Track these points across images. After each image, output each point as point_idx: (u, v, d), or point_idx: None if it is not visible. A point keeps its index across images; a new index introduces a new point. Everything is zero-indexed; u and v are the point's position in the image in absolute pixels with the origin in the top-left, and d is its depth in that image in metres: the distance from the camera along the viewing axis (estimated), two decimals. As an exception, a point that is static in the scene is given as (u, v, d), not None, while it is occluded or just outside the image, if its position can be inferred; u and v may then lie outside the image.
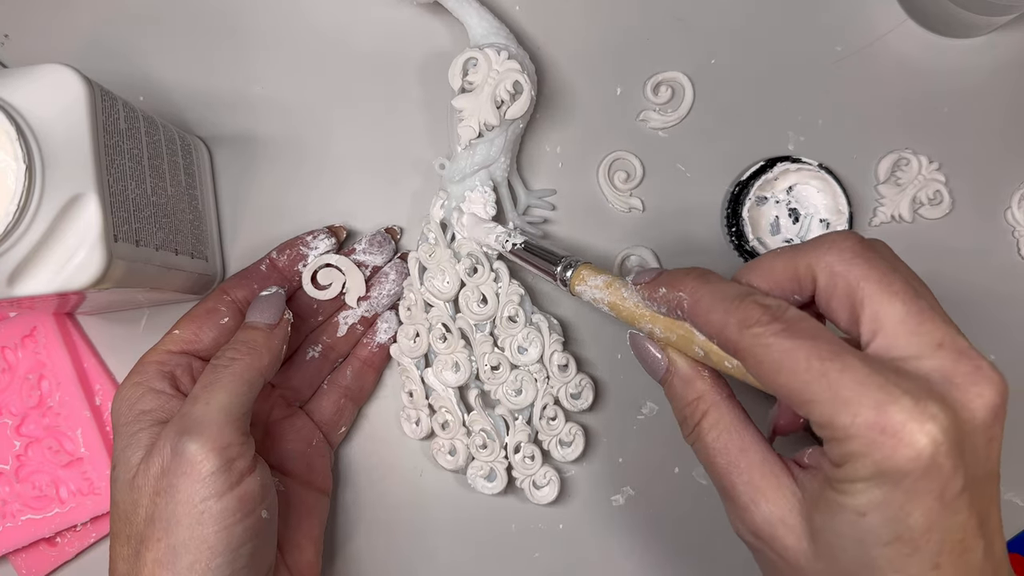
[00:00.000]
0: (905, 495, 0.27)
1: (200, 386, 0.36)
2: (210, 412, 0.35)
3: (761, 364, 0.29)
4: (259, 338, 0.39)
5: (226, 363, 0.37)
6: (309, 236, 0.43)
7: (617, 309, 0.36)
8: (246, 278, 0.42)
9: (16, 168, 0.32)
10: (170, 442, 0.34)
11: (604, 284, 0.37)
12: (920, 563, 0.28)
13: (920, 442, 0.26)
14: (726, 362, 0.33)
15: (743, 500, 0.31)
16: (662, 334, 0.35)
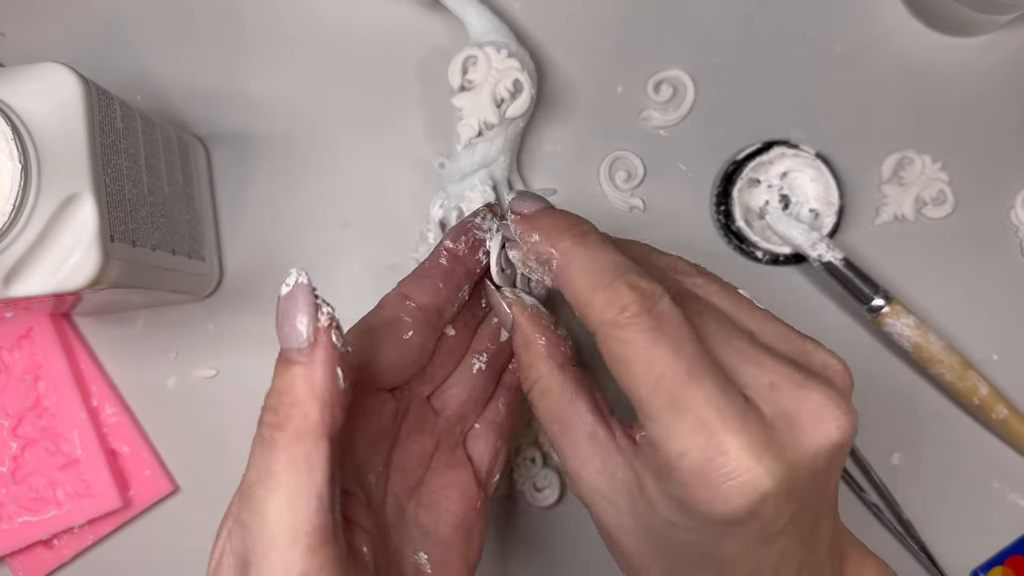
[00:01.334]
0: (720, 532, 0.26)
1: (250, 479, 0.26)
2: (270, 529, 0.25)
3: (614, 358, 0.26)
4: (299, 386, 0.25)
5: (269, 434, 0.26)
6: (477, 218, 0.34)
7: (920, 350, 0.42)
8: (426, 277, 0.33)
9: (12, 168, 0.31)
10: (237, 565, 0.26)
11: (915, 324, 0.42)
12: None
13: (739, 502, 0.25)
14: (992, 414, 0.40)
15: (571, 467, 0.29)
16: (951, 379, 0.42)
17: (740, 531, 0.25)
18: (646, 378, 0.25)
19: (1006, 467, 0.43)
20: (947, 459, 0.44)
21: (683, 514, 0.26)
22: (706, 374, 0.25)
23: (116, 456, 0.44)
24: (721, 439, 0.25)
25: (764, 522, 0.25)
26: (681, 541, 0.27)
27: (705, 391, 0.25)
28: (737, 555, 0.26)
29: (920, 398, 0.44)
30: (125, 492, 0.43)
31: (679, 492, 0.26)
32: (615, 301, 0.26)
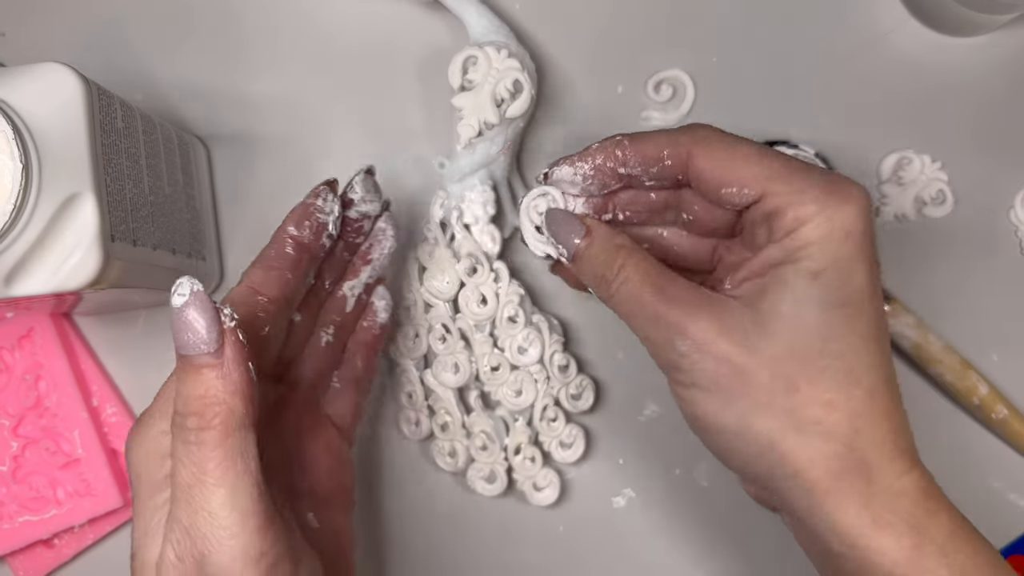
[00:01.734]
0: (854, 251, 0.30)
1: (186, 481, 0.28)
2: (220, 521, 0.27)
3: (720, 160, 0.32)
4: (217, 386, 0.28)
5: (195, 438, 0.28)
6: (318, 200, 0.36)
7: (920, 350, 0.42)
8: (274, 268, 0.34)
9: (12, 167, 0.31)
10: (191, 562, 0.28)
11: (915, 324, 0.42)
12: (867, 328, 0.30)
13: (864, 196, 0.31)
14: (993, 414, 0.42)
15: (677, 316, 0.31)
16: (950, 379, 0.42)
17: (866, 251, 0.30)
18: (753, 163, 0.32)
19: (1006, 467, 0.43)
20: (946, 459, 0.43)
21: (823, 245, 0.30)
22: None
23: (117, 456, 0.44)
24: (839, 182, 0.31)
25: (872, 243, 0.31)
26: (824, 291, 0.30)
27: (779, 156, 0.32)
28: (869, 290, 0.30)
29: (919, 398, 0.44)
30: (126, 491, 0.43)
31: (814, 223, 0.30)
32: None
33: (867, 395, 0.30)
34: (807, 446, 0.30)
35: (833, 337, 0.30)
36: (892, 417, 0.31)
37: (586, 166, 0.35)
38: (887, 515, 0.30)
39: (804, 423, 0.30)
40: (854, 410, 0.30)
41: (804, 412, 0.30)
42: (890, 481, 0.30)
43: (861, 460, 0.30)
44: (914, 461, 0.31)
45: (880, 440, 0.30)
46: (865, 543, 0.30)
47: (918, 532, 0.30)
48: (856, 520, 0.30)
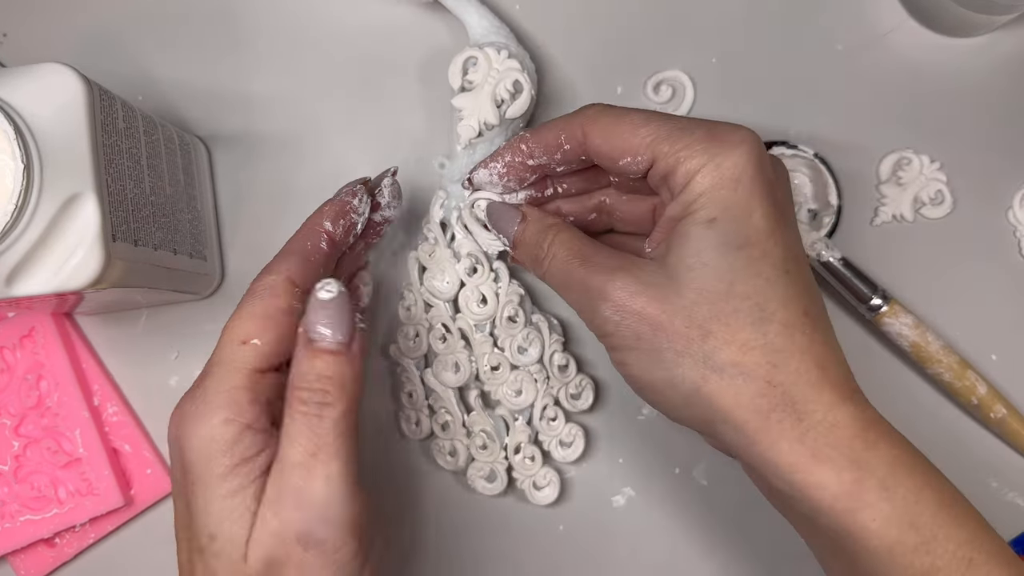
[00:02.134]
0: (746, 193, 0.31)
1: (305, 451, 0.30)
2: (334, 489, 0.30)
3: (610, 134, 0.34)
4: (346, 371, 0.31)
5: (318, 412, 0.30)
6: (355, 200, 0.37)
7: (918, 349, 0.42)
8: (311, 261, 0.34)
9: (14, 168, 0.32)
10: (295, 532, 0.29)
11: (913, 323, 0.42)
12: (772, 265, 0.31)
13: (749, 139, 0.32)
14: (991, 413, 0.42)
15: (599, 281, 0.33)
16: (949, 379, 0.42)
17: (760, 190, 0.31)
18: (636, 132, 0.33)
19: (1004, 466, 0.43)
20: (945, 458, 0.43)
21: (713, 194, 0.31)
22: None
23: (118, 455, 0.44)
24: (722, 129, 0.32)
25: (770, 182, 0.32)
26: (722, 237, 0.31)
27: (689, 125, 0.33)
28: (767, 229, 0.31)
29: (918, 397, 0.44)
30: (127, 491, 0.44)
31: (702, 173, 0.32)
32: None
33: (782, 330, 0.30)
34: (730, 388, 0.30)
35: (738, 279, 0.31)
36: (813, 349, 0.31)
37: (498, 165, 0.38)
38: (825, 449, 0.30)
39: (723, 366, 0.31)
40: (770, 346, 0.30)
41: (721, 355, 0.31)
42: (822, 414, 0.30)
43: (785, 395, 0.30)
44: (847, 393, 0.31)
45: (803, 373, 0.30)
46: (803, 478, 0.30)
47: (858, 466, 0.30)
48: (791, 457, 0.30)
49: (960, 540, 0.30)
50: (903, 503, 0.29)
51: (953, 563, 0.29)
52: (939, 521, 0.30)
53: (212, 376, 0.31)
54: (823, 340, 0.31)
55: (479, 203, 0.40)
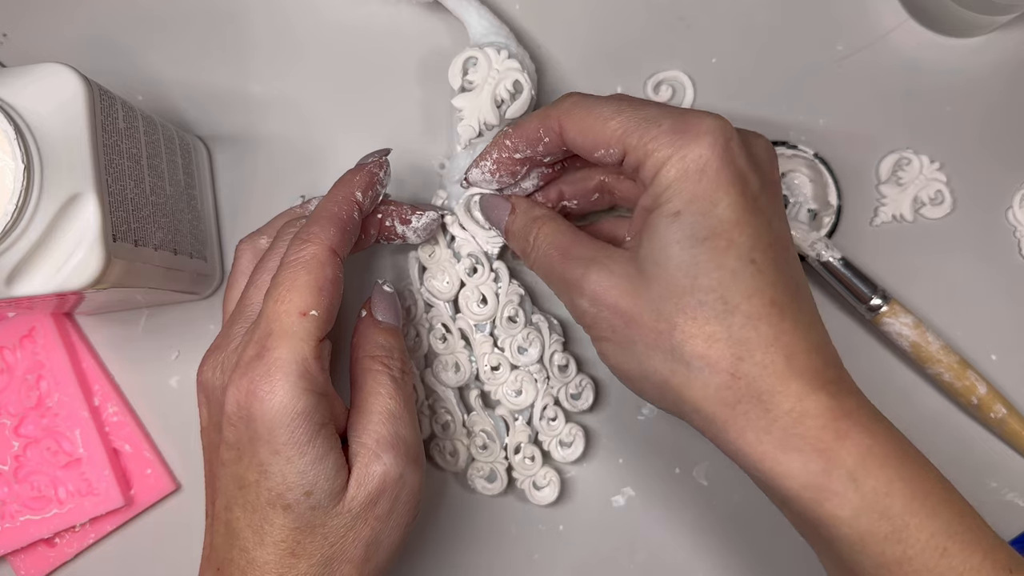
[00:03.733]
0: (711, 184, 0.31)
1: (397, 403, 0.35)
2: (417, 434, 0.35)
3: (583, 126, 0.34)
4: (403, 344, 0.37)
5: (396, 373, 0.36)
6: (381, 172, 0.38)
7: (918, 349, 0.42)
8: (347, 231, 0.36)
9: (15, 168, 0.32)
10: (400, 471, 0.34)
11: (913, 323, 0.42)
12: (737, 257, 0.31)
13: (714, 129, 0.31)
14: (991, 413, 0.41)
15: (576, 274, 0.34)
16: (949, 379, 0.42)
17: (727, 180, 0.31)
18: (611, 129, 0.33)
19: (1004, 466, 0.43)
20: (945, 458, 0.44)
21: (679, 186, 0.31)
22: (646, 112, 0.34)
23: (118, 455, 0.44)
24: (684, 112, 0.32)
25: (740, 170, 0.31)
26: (687, 229, 0.31)
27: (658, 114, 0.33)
28: (733, 219, 0.31)
29: (918, 397, 0.44)
30: (127, 491, 0.44)
31: (667, 166, 0.32)
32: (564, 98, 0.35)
33: (746, 322, 0.30)
34: (696, 380, 0.31)
35: (701, 272, 0.31)
36: (781, 340, 0.30)
37: (488, 163, 0.38)
38: (792, 439, 0.30)
39: (690, 358, 0.31)
40: (734, 339, 0.30)
41: (687, 347, 0.31)
42: (790, 404, 0.30)
43: (750, 387, 0.30)
44: (820, 383, 0.30)
45: (768, 365, 0.30)
46: (771, 467, 0.30)
47: (826, 456, 0.30)
48: (758, 446, 0.30)
49: (933, 530, 0.30)
50: (872, 494, 0.30)
51: (926, 552, 0.29)
52: (911, 510, 0.30)
53: (279, 348, 0.32)
54: (792, 329, 0.31)
55: (474, 200, 0.40)
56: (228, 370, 0.33)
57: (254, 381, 0.32)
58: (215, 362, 0.34)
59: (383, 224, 0.39)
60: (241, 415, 0.32)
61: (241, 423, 0.32)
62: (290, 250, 0.34)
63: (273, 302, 0.33)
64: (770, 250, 0.31)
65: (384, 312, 0.38)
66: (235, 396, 0.32)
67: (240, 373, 0.32)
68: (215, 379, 0.34)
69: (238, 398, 0.32)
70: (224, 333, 0.36)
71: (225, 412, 0.33)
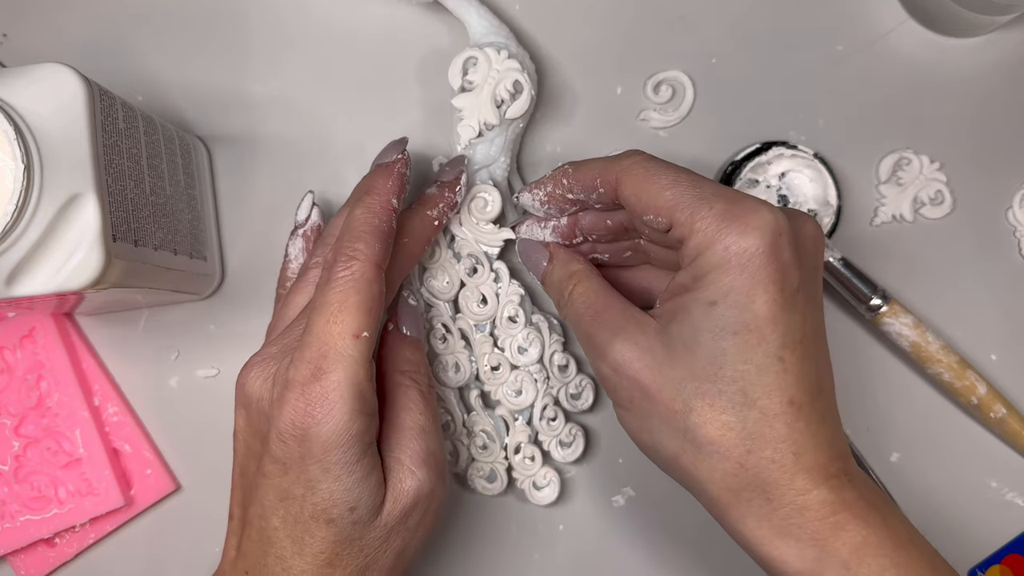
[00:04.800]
0: (751, 279, 0.31)
1: (428, 419, 0.36)
2: (442, 450, 0.36)
3: (639, 189, 0.34)
4: (426, 360, 0.38)
5: (424, 388, 0.37)
6: (407, 170, 0.39)
7: (918, 349, 0.42)
8: (387, 243, 0.35)
9: (14, 168, 0.32)
10: (432, 486, 0.35)
11: (913, 323, 0.42)
12: (765, 353, 0.31)
13: (764, 224, 0.31)
14: (991, 413, 0.42)
15: (603, 339, 0.34)
16: (949, 378, 0.42)
17: (767, 277, 0.31)
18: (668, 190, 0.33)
19: (1004, 466, 0.43)
20: (945, 458, 0.44)
21: (719, 276, 0.31)
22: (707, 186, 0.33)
23: (118, 455, 0.44)
24: (737, 195, 0.32)
25: (783, 268, 0.31)
26: (720, 320, 0.31)
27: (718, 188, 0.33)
28: (768, 315, 0.31)
29: (918, 397, 0.44)
30: (127, 491, 0.44)
31: (711, 251, 0.31)
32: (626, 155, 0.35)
33: (762, 417, 0.31)
34: (705, 464, 0.32)
35: (728, 363, 0.31)
36: (792, 437, 0.31)
37: (540, 193, 0.39)
38: (791, 528, 0.31)
39: (701, 443, 0.32)
40: (748, 431, 0.31)
41: (701, 432, 0.32)
42: (792, 497, 0.31)
43: (756, 478, 0.31)
44: (823, 477, 0.31)
45: (776, 460, 0.31)
46: (767, 552, 0.31)
47: (821, 546, 0.31)
48: (758, 531, 0.31)
49: None
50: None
51: None
52: None
53: (335, 371, 0.32)
54: (805, 428, 0.31)
55: (483, 203, 0.41)
56: (280, 385, 0.33)
57: (311, 403, 0.32)
58: (264, 373, 0.34)
59: (439, 229, 0.40)
60: (295, 434, 0.32)
61: (293, 441, 0.32)
62: (337, 267, 0.34)
63: (326, 323, 0.33)
64: (799, 347, 0.31)
65: (410, 325, 0.39)
66: (291, 415, 0.32)
67: (297, 393, 0.32)
68: (263, 391, 0.34)
69: (294, 418, 0.32)
70: (274, 342, 0.35)
71: (276, 428, 0.33)
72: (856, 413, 0.44)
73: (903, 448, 0.44)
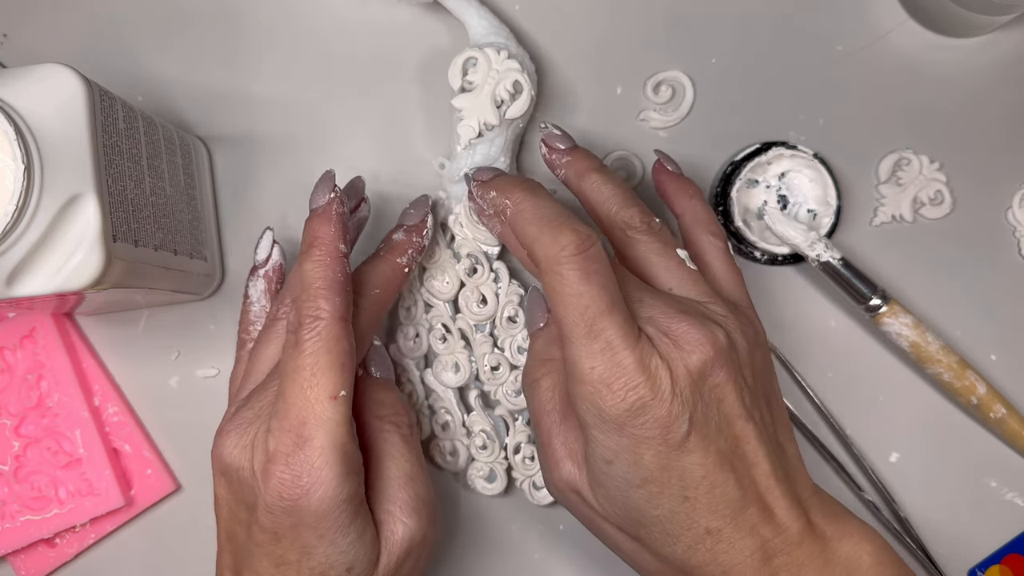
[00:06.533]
0: (631, 440, 0.31)
1: (413, 465, 0.35)
2: (430, 492, 0.36)
3: (551, 289, 0.32)
4: (401, 399, 0.38)
5: (404, 431, 0.36)
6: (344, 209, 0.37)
7: (918, 349, 0.42)
8: (346, 292, 0.35)
9: (15, 168, 0.32)
10: (424, 532, 0.35)
11: (913, 323, 0.41)
12: (671, 498, 0.32)
13: (634, 398, 0.31)
14: (991, 413, 0.42)
15: (555, 458, 0.35)
16: (948, 378, 0.42)
17: (646, 435, 0.31)
18: (574, 307, 0.31)
19: (1003, 466, 0.43)
20: (945, 458, 0.44)
21: (605, 438, 0.32)
22: (617, 309, 0.32)
23: (118, 455, 0.44)
24: (621, 356, 0.31)
25: (661, 424, 0.31)
26: (621, 478, 0.32)
27: (615, 321, 0.31)
28: (659, 466, 0.31)
29: (918, 397, 0.44)
30: (127, 491, 0.44)
31: (592, 415, 0.32)
32: (558, 240, 0.32)
33: (687, 549, 0.32)
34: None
35: (642, 512, 0.32)
36: (717, 560, 0.32)
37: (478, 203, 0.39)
38: None
39: (644, 570, 0.35)
40: (678, 559, 0.32)
41: (640, 561, 0.35)
42: None
43: None
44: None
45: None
46: None
47: None
48: None
49: None
50: None
51: None
52: None
53: (317, 437, 0.32)
54: (727, 548, 0.32)
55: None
56: (261, 456, 0.33)
57: (298, 474, 0.32)
58: (241, 441, 0.33)
59: (409, 275, 0.40)
60: (284, 506, 0.32)
61: (283, 513, 0.32)
62: (303, 330, 0.33)
63: (301, 389, 0.32)
64: (703, 482, 0.32)
65: (379, 365, 0.38)
66: (277, 488, 0.32)
67: (281, 465, 0.32)
68: (241, 459, 0.33)
69: (280, 490, 0.32)
70: (247, 406, 0.35)
71: (264, 502, 0.32)
72: (856, 413, 0.44)
73: (903, 448, 0.44)
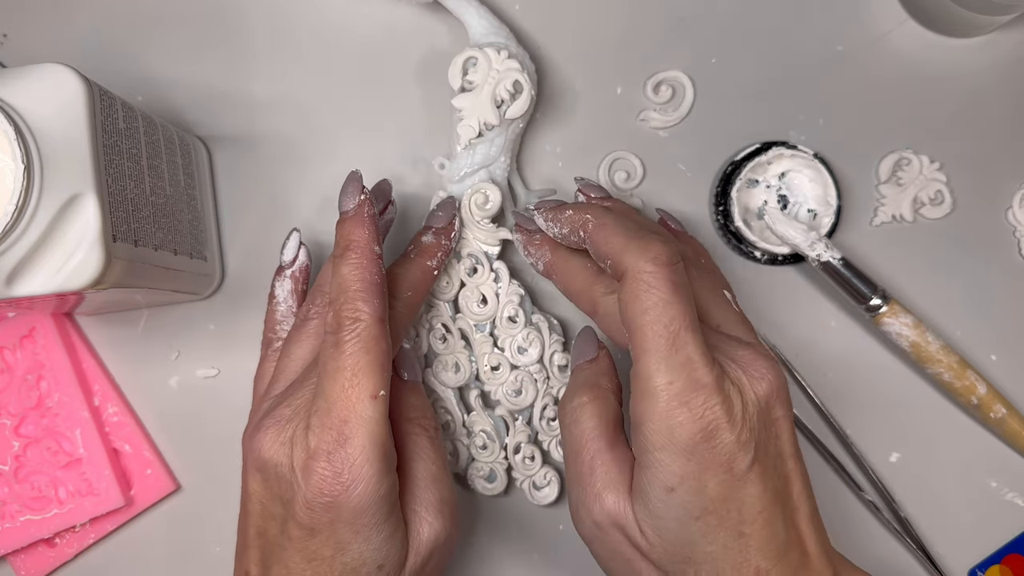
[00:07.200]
0: (698, 466, 0.31)
1: (440, 467, 0.36)
2: (453, 493, 0.36)
3: (634, 298, 0.32)
4: (428, 402, 0.39)
5: (431, 433, 0.37)
6: (374, 210, 0.37)
7: (918, 349, 0.42)
8: (384, 295, 0.35)
9: (15, 168, 0.32)
10: (448, 533, 0.35)
11: (913, 323, 0.41)
12: (727, 533, 0.31)
13: (711, 412, 0.31)
14: (991, 413, 0.42)
15: (596, 489, 0.34)
16: (948, 378, 0.42)
17: (714, 461, 0.31)
18: (660, 318, 0.31)
19: (1004, 466, 0.43)
20: (945, 458, 0.44)
21: (670, 461, 0.31)
22: (697, 328, 0.32)
23: (118, 455, 0.44)
24: (700, 374, 0.31)
25: (728, 451, 0.31)
26: (682, 507, 0.31)
27: (697, 339, 0.31)
28: (721, 496, 0.31)
29: (918, 397, 0.44)
30: (127, 491, 0.44)
31: (658, 435, 0.31)
32: (649, 249, 0.32)
33: None
34: None
35: (696, 547, 0.32)
36: None
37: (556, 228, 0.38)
38: None
39: None
40: None
41: None
42: None
43: None
44: None
45: None
46: None
47: None
48: None
49: None
50: None
51: None
52: None
53: (359, 436, 0.32)
54: None
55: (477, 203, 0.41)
56: (301, 451, 0.33)
57: (339, 471, 0.32)
58: (280, 437, 0.34)
59: (437, 277, 0.41)
60: (324, 502, 0.32)
61: (322, 509, 0.32)
62: (343, 332, 0.33)
63: (342, 388, 0.33)
64: (759, 517, 0.32)
65: (408, 369, 0.39)
66: (319, 485, 0.32)
67: (323, 461, 0.32)
68: (280, 455, 0.33)
69: (322, 487, 0.32)
70: (284, 403, 0.35)
71: (304, 498, 0.33)
72: (856, 413, 0.44)
73: (903, 448, 0.44)
